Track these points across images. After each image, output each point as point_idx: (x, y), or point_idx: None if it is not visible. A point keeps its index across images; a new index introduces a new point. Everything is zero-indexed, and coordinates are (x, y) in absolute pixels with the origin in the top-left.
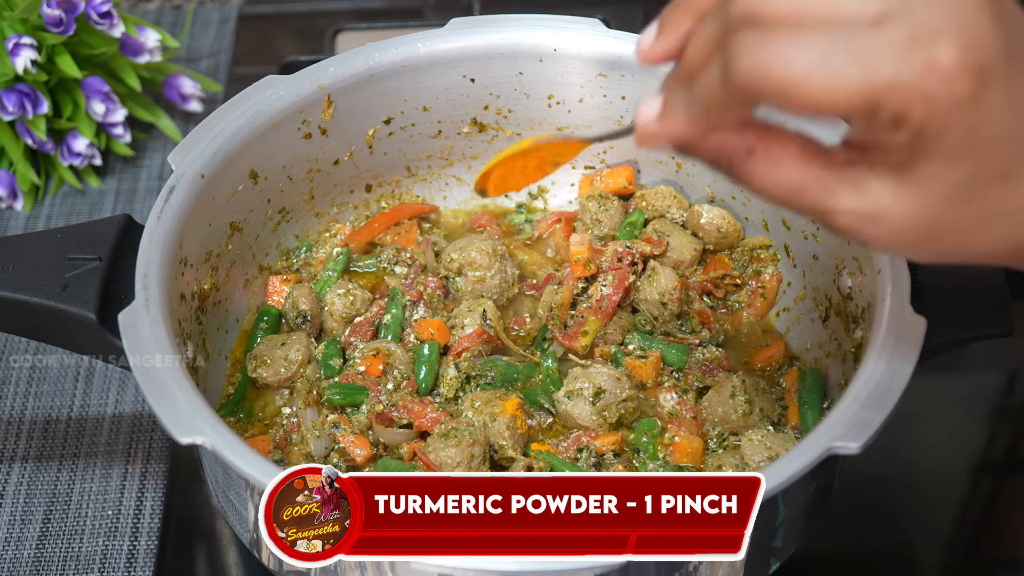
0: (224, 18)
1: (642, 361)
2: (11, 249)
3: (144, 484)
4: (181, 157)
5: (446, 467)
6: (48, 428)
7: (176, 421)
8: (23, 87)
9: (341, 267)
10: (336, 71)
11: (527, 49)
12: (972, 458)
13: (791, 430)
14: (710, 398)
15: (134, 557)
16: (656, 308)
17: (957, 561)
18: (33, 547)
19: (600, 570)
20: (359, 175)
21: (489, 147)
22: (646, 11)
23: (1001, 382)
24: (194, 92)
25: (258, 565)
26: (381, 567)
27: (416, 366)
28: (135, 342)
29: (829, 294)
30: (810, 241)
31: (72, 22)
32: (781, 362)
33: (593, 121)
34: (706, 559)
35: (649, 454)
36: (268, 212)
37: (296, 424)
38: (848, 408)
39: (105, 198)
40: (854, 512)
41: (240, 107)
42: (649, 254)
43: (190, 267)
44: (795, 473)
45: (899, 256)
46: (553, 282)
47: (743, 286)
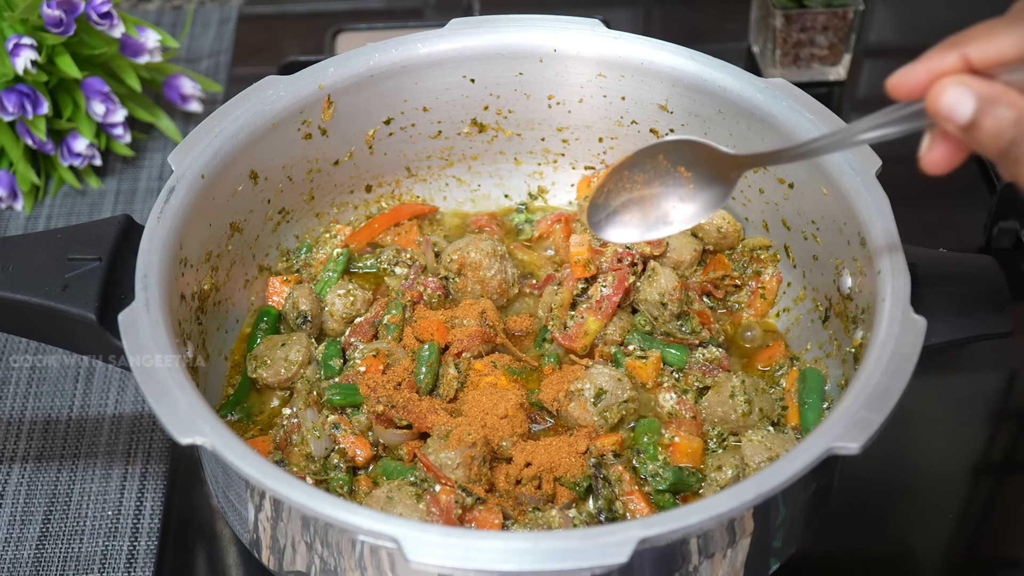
0: (224, 18)
1: (642, 361)
2: (11, 249)
3: (144, 484)
4: (181, 157)
5: (446, 468)
6: (48, 428)
7: (176, 421)
8: (23, 87)
9: (341, 267)
10: (336, 71)
11: (527, 49)
12: (972, 458)
13: (791, 430)
14: (710, 398)
15: (134, 557)
16: (656, 308)
17: (957, 561)
18: (33, 547)
19: (600, 570)
20: (359, 175)
21: (489, 147)
22: (646, 11)
23: (1001, 382)
24: (194, 92)
25: (258, 565)
26: (381, 567)
27: (416, 366)
28: (135, 342)
29: (829, 294)
30: (810, 241)
31: (72, 22)
32: (781, 362)
33: (593, 121)
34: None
35: (649, 454)
36: (268, 212)
37: (296, 425)
38: (848, 408)
39: (105, 198)
40: (854, 512)
41: (240, 107)
42: (649, 255)
43: (190, 267)
44: (795, 473)
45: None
46: (553, 282)
47: (743, 286)
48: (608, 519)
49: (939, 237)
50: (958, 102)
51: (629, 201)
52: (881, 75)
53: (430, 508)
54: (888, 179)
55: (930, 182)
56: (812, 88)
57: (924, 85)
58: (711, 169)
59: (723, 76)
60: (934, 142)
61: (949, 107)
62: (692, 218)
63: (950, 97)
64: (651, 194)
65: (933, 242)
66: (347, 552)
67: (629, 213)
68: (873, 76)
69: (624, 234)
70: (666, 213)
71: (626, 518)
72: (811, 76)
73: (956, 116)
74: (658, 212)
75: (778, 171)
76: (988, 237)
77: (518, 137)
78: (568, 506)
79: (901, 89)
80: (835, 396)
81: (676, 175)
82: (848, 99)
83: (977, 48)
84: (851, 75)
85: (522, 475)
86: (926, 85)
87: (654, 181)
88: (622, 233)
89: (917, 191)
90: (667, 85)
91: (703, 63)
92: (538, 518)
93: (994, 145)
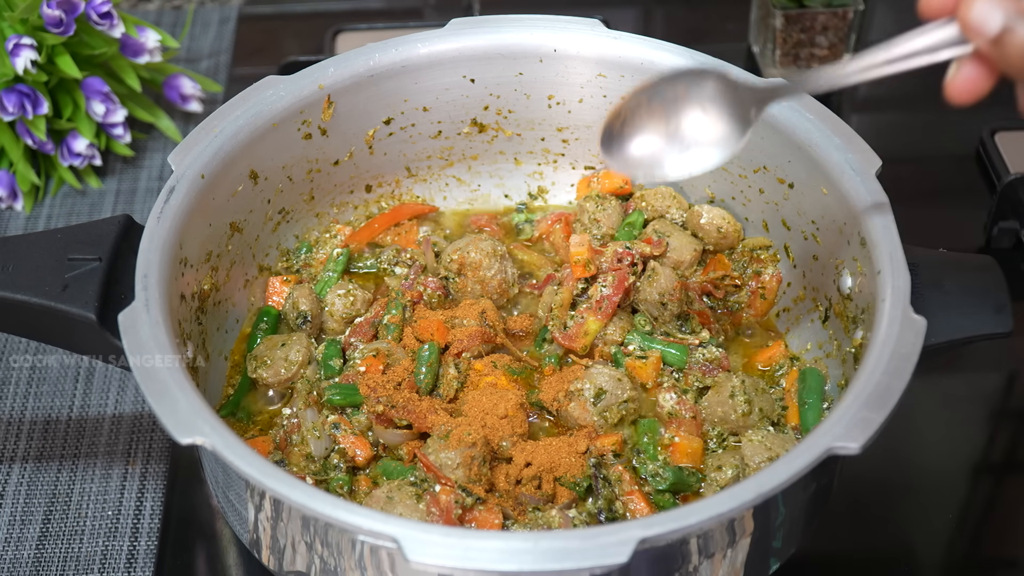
0: (224, 18)
1: (642, 361)
2: (11, 249)
3: (144, 484)
4: (181, 157)
5: (446, 468)
6: (48, 428)
7: (176, 421)
8: (23, 87)
9: (341, 268)
10: (336, 71)
11: (527, 49)
12: (972, 458)
13: (791, 430)
14: (710, 398)
15: (134, 557)
16: (656, 308)
17: (957, 561)
18: (33, 547)
19: (600, 570)
20: (359, 175)
21: (489, 147)
22: (646, 11)
23: (1001, 382)
24: (194, 92)
25: (258, 565)
26: (381, 567)
27: (416, 366)
28: (135, 342)
29: (829, 295)
30: (810, 241)
31: (72, 22)
32: (781, 362)
33: (593, 121)
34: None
35: (649, 455)
36: (268, 212)
37: (296, 425)
38: (848, 408)
39: (105, 198)
40: (854, 512)
41: (240, 107)
42: (649, 255)
43: (190, 267)
44: (795, 473)
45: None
46: (553, 282)
47: (743, 286)
48: (608, 519)
49: (939, 237)
50: (987, 14)
51: (644, 130)
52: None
53: (430, 508)
54: (888, 179)
55: (930, 182)
56: None
57: (954, 2)
58: (731, 107)
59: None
60: (962, 66)
61: (979, 19)
62: (709, 154)
63: (979, 9)
64: (669, 125)
65: (933, 242)
66: (347, 552)
67: (643, 145)
68: None
69: (639, 159)
70: (682, 147)
71: (626, 518)
72: None
73: (985, 28)
74: (677, 142)
75: (778, 171)
76: (988, 237)
77: (518, 137)
78: (568, 506)
79: (933, 6)
80: (835, 396)
81: (696, 111)
82: (848, 99)
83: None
84: None
85: (522, 475)
86: (956, 2)
87: (672, 112)
88: (638, 157)
89: (917, 191)
90: None
91: (703, 63)
92: (538, 518)
93: (1021, 59)
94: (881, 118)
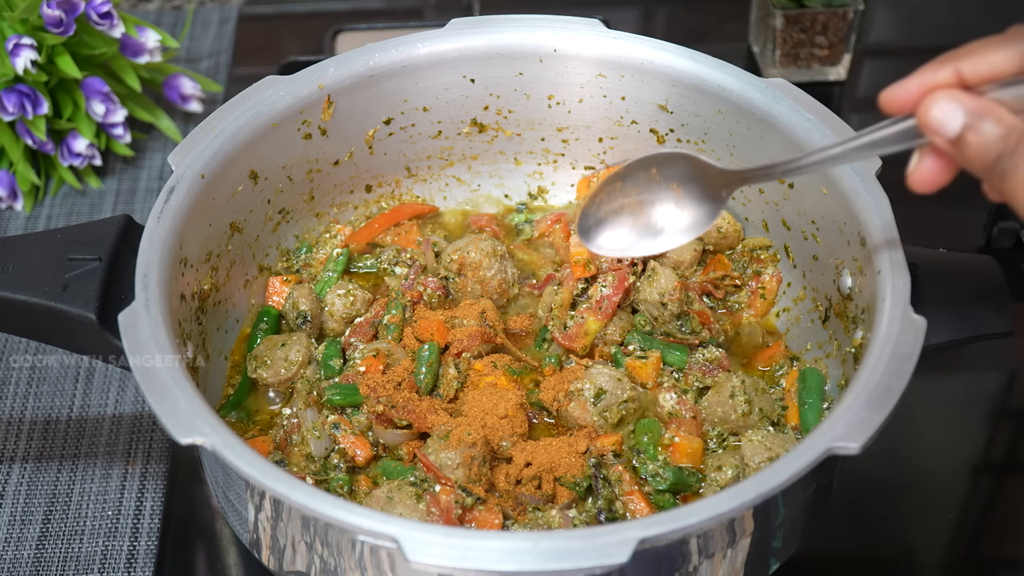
0: (224, 18)
1: (642, 361)
2: (11, 249)
3: (144, 484)
4: (181, 157)
5: (446, 469)
6: (48, 428)
7: (176, 421)
8: (23, 87)
9: (341, 268)
10: (336, 71)
11: (527, 49)
12: (972, 458)
13: (791, 430)
14: (710, 398)
15: (134, 557)
16: (656, 308)
17: (957, 561)
18: (33, 547)
19: (600, 570)
20: (359, 175)
21: (489, 147)
22: (646, 11)
23: (1001, 382)
24: (194, 92)
25: (258, 565)
26: (381, 567)
27: (416, 366)
28: (135, 342)
29: (829, 294)
30: (810, 241)
31: (72, 22)
32: (781, 362)
33: (593, 121)
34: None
35: (649, 455)
36: (268, 212)
37: (296, 425)
38: (848, 408)
39: (105, 198)
40: (854, 512)
41: (240, 107)
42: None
43: (190, 267)
44: (795, 473)
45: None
46: (553, 282)
47: (743, 287)
48: (608, 519)
49: (939, 237)
50: (948, 115)
51: (620, 212)
52: (881, 75)
53: (430, 508)
54: (888, 179)
55: None
56: (812, 88)
57: (916, 99)
58: (702, 186)
59: (723, 76)
60: (923, 158)
61: (939, 120)
62: (680, 236)
63: (940, 110)
64: (642, 209)
65: (933, 242)
66: (347, 552)
67: (619, 225)
68: (873, 76)
69: (612, 245)
70: (656, 228)
71: (626, 518)
72: (811, 76)
73: (945, 129)
74: (648, 227)
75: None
76: (988, 237)
77: (518, 137)
78: (568, 506)
79: (894, 102)
80: (835, 396)
81: (668, 191)
82: (848, 99)
83: (970, 63)
84: (851, 75)
85: (522, 475)
86: (918, 99)
87: (645, 195)
88: (610, 243)
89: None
90: (667, 85)
91: (703, 63)
92: (538, 518)
93: (981, 159)
94: (881, 118)
